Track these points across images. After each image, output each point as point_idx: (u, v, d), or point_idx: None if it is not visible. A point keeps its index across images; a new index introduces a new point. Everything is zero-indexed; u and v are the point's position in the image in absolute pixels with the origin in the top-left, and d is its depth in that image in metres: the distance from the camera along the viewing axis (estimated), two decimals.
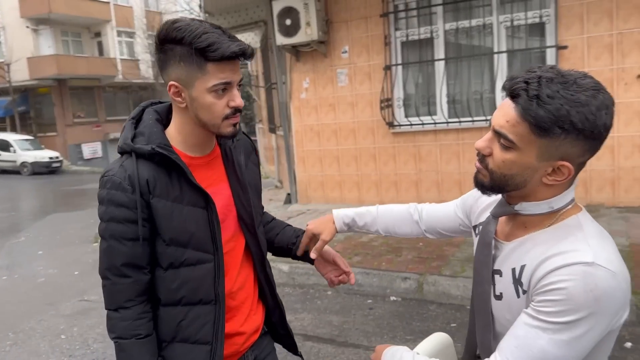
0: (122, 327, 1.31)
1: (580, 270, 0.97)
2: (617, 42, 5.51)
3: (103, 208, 1.30)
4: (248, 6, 9.79)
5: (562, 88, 0.97)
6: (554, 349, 0.99)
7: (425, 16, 6.48)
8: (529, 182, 1.07)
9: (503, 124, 1.04)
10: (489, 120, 6.04)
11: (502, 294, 1.14)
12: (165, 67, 1.28)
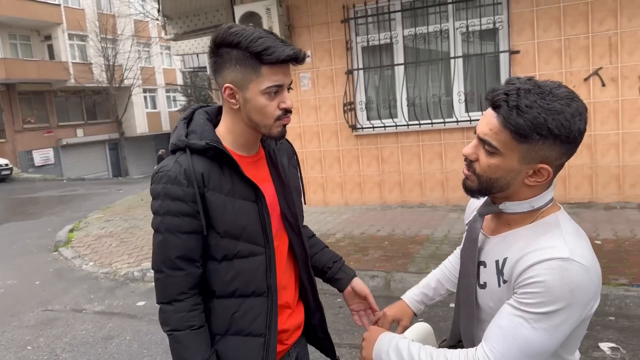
0: (176, 319, 1.34)
1: (557, 265, 1.08)
2: (565, 47, 5.83)
3: (159, 202, 1.33)
4: (208, 10, 9.76)
5: (539, 98, 1.08)
6: (535, 336, 1.10)
7: (384, 22, 6.66)
8: (512, 184, 1.17)
9: (487, 132, 1.14)
10: (447, 122, 6.31)
11: (485, 283, 1.24)
12: (221, 70, 1.33)
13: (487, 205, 1.27)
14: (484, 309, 1.26)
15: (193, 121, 1.43)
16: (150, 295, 4.98)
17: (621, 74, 5.65)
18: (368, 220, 6.23)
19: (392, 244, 5.19)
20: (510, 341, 1.12)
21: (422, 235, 5.39)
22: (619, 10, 5.56)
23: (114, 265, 5.83)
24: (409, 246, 5.06)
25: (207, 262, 1.39)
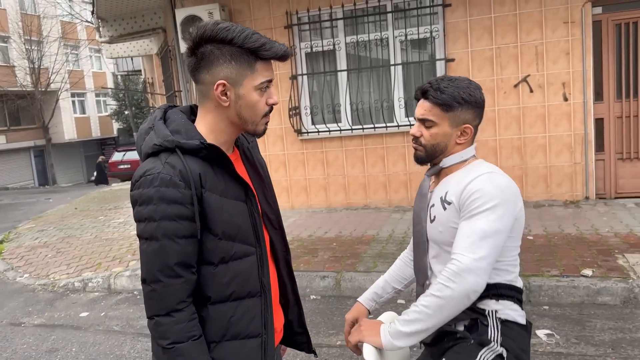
0: (176, 330, 1.27)
1: (486, 177, 1.54)
2: (497, 56, 6.22)
3: (152, 207, 1.26)
4: (144, 13, 9.54)
5: (450, 82, 1.60)
6: (488, 225, 1.49)
7: (327, 29, 6.82)
8: (448, 145, 1.63)
9: (423, 112, 1.63)
10: (388, 127, 6.52)
11: (435, 217, 1.64)
12: (210, 66, 1.31)
13: (430, 169, 1.71)
14: (436, 238, 1.63)
15: (171, 121, 1.37)
16: (93, 305, 4.82)
17: (547, 81, 6.10)
18: (315, 222, 6.33)
19: (340, 245, 5.31)
20: (472, 238, 1.48)
21: (368, 235, 5.56)
22: (543, 22, 6.01)
23: (52, 277, 5.58)
24: (356, 246, 5.21)
25: (201, 268, 1.33)
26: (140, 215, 1.28)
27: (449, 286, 1.45)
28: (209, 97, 1.34)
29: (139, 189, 1.29)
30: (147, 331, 4.12)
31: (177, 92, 8.40)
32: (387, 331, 1.52)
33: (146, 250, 1.29)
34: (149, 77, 13.71)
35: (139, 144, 1.39)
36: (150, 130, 1.36)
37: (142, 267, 1.30)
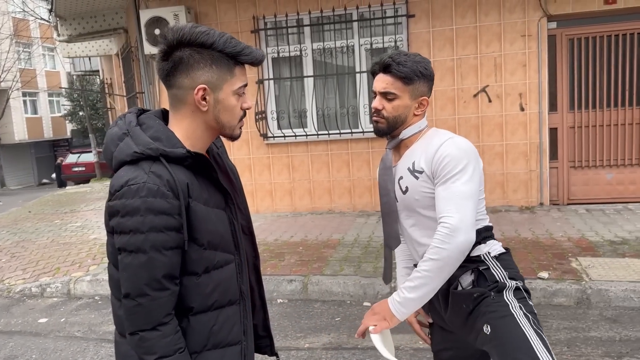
0: (164, 344, 1.24)
1: (449, 142, 1.67)
2: (457, 66, 6.44)
3: (139, 218, 1.22)
4: (105, 13, 9.35)
5: (407, 57, 1.72)
6: (464, 186, 1.62)
7: (293, 35, 6.88)
8: (407, 117, 1.75)
9: (385, 86, 1.73)
10: (353, 133, 6.63)
11: (407, 187, 1.74)
12: (190, 70, 1.28)
13: (390, 141, 1.82)
14: (412, 205, 1.75)
15: (148, 127, 1.32)
16: (52, 311, 4.69)
17: (505, 91, 6.36)
18: (280, 226, 6.36)
19: (306, 248, 5.36)
20: (453, 200, 1.61)
21: (334, 239, 5.63)
22: (502, 35, 6.27)
23: (7, 282, 5.38)
24: (322, 250, 5.27)
25: (183, 279, 1.31)
26: (124, 227, 1.23)
27: (444, 247, 1.56)
28: (186, 102, 1.32)
29: (121, 200, 1.23)
30: (110, 337, 4.04)
31: (138, 94, 8.27)
32: (396, 301, 1.63)
33: (131, 263, 1.24)
34: (107, 77, 13.39)
35: (109, 150, 1.32)
36: (124, 136, 1.30)
37: (126, 281, 1.25)
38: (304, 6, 6.70)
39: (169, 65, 1.30)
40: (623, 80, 6.23)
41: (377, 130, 1.79)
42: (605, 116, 6.32)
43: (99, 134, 25.12)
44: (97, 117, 26.14)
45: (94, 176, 18.68)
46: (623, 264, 4.30)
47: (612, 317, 3.75)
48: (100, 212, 8.75)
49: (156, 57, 1.35)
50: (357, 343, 3.65)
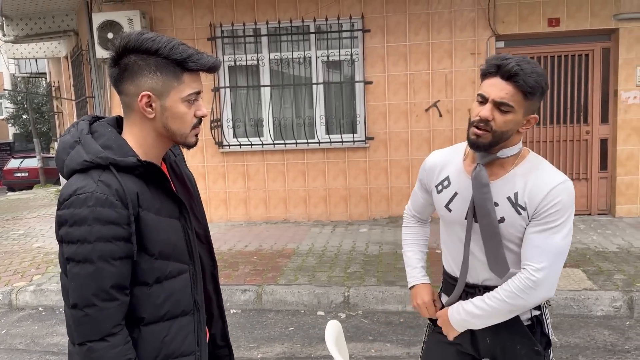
0: (112, 355, 1.23)
1: (563, 187, 1.54)
2: (410, 81, 6.62)
3: (86, 228, 1.21)
4: (55, 14, 9.07)
5: (531, 66, 1.48)
6: (563, 240, 1.54)
7: (251, 44, 6.89)
8: (513, 134, 1.56)
9: (503, 96, 1.49)
10: (309, 143, 6.68)
11: (503, 217, 1.59)
12: (134, 77, 1.28)
13: (484, 157, 1.60)
14: (507, 236, 1.61)
15: (99, 135, 1.31)
16: None
17: (454, 106, 6.58)
18: (235, 236, 6.31)
19: (260, 258, 5.35)
20: (548, 251, 1.53)
21: (288, 249, 5.65)
22: (453, 52, 6.51)
23: None
24: (277, 260, 5.27)
25: (134, 289, 1.30)
26: (72, 236, 1.22)
27: (522, 297, 1.54)
28: (134, 109, 1.32)
29: (69, 209, 1.22)
30: (54, 349, 3.90)
31: (88, 98, 8.04)
32: (456, 318, 1.67)
33: (79, 273, 1.22)
34: (54, 80, 12.92)
35: (61, 158, 1.31)
36: (75, 144, 1.29)
37: (74, 291, 1.24)
38: (262, 16, 6.74)
39: (116, 71, 1.30)
40: (565, 98, 6.58)
41: (475, 144, 1.55)
42: (548, 132, 6.65)
43: (44, 138, 24.14)
44: (42, 121, 25.12)
45: (37, 182, 17.89)
46: (564, 274, 4.52)
47: (553, 324, 3.93)
48: (44, 220, 8.41)
49: (107, 63, 1.36)
50: (310, 352, 3.67)
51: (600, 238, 5.60)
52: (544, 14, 6.32)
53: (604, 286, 4.21)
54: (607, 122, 6.56)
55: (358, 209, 6.86)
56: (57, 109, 12.75)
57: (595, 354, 3.48)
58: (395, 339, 3.83)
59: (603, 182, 6.66)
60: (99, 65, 7.14)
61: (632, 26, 6.22)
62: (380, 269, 4.87)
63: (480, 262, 1.66)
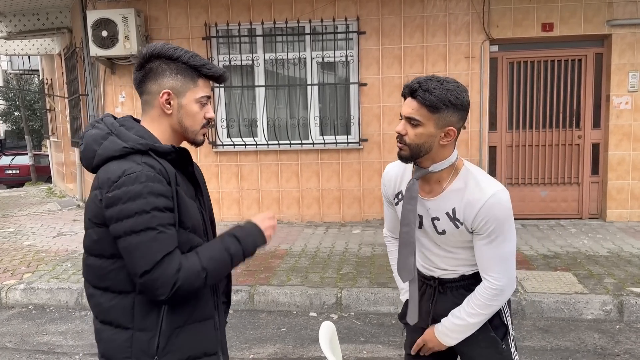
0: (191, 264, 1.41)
1: (493, 202, 1.65)
2: (404, 84, 6.62)
3: (142, 201, 1.36)
4: (49, 11, 9.01)
5: (438, 84, 1.62)
6: (509, 247, 1.69)
7: (246, 44, 6.89)
8: (432, 146, 1.67)
9: (410, 112, 1.64)
10: (303, 144, 6.68)
11: (444, 230, 1.75)
12: (158, 77, 1.50)
13: (418, 170, 1.74)
14: (446, 245, 1.78)
15: (129, 127, 1.50)
16: None
17: None
18: None
19: (253, 259, 5.30)
20: (501, 260, 1.69)
21: (281, 249, 5.64)
22: (447, 56, 6.54)
23: None
24: (270, 260, 5.26)
25: None
26: (129, 210, 1.36)
27: (494, 304, 1.73)
28: (154, 106, 1.52)
29: (121, 188, 1.37)
30: (44, 348, 3.88)
31: (82, 96, 8.00)
32: (442, 333, 1.82)
33: (142, 241, 1.36)
34: (47, 77, 12.82)
35: (91, 148, 1.46)
36: (108, 135, 1.46)
37: (140, 259, 1.36)
38: (257, 16, 6.73)
39: (141, 74, 1.52)
40: (557, 103, 6.63)
41: (399, 157, 1.73)
42: (540, 136, 6.69)
43: (36, 135, 23.97)
44: (34, 118, 24.93)
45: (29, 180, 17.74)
46: (555, 277, 4.55)
47: (544, 327, 3.96)
48: (35, 218, 8.35)
49: (133, 69, 1.58)
50: (302, 354, 3.67)
51: (591, 242, 5.65)
52: (538, 19, 6.36)
53: (594, 290, 4.25)
54: (599, 127, 6.62)
55: (351, 211, 6.87)
56: (50, 107, 12.66)
57: (585, 357, 3.50)
58: (387, 340, 3.84)
59: (594, 187, 6.71)
60: (92, 63, 7.10)
61: (624, 32, 6.28)
62: (373, 271, 4.88)
63: (435, 255, 1.83)
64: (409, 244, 1.77)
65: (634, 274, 4.59)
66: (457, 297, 1.83)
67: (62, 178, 12.36)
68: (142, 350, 1.44)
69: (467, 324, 1.76)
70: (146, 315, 1.45)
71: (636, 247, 5.41)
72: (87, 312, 4.58)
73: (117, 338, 1.46)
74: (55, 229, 7.33)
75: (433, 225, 1.77)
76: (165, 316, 1.46)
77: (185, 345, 1.49)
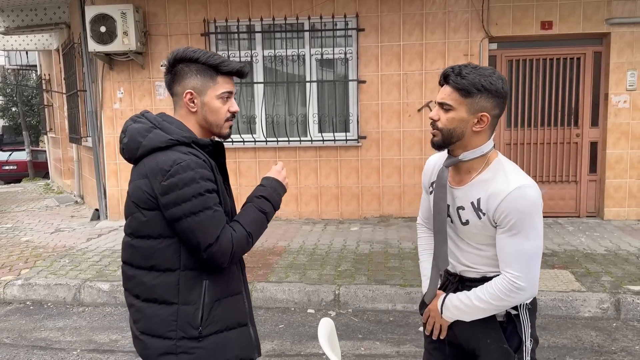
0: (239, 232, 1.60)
1: (518, 193, 1.59)
2: (403, 81, 6.64)
3: (197, 185, 1.53)
4: (47, 6, 8.98)
5: (473, 69, 1.63)
6: (532, 245, 1.61)
7: (244, 40, 6.87)
8: (465, 132, 1.65)
9: (443, 97, 1.65)
10: (302, 141, 6.68)
11: (468, 220, 1.71)
12: (181, 80, 1.65)
13: (449, 159, 1.74)
14: (468, 238, 1.74)
15: (170, 122, 1.64)
16: None
17: None
18: None
19: (251, 255, 5.33)
20: (521, 256, 1.61)
21: (279, 246, 5.64)
22: (446, 53, 6.53)
23: None
24: (268, 257, 5.27)
25: None
26: (186, 195, 1.52)
27: (505, 299, 1.64)
28: (182, 105, 1.67)
29: (175, 176, 1.52)
30: (41, 343, 3.87)
31: (80, 92, 7.98)
32: (446, 309, 1.77)
33: (202, 220, 1.54)
34: (45, 73, 12.78)
35: (136, 140, 1.61)
36: (152, 129, 1.61)
37: (203, 235, 1.54)
38: (256, 13, 6.72)
39: (170, 77, 1.68)
40: (556, 101, 6.64)
41: (432, 143, 1.71)
42: (539, 134, 6.70)
43: (33, 131, 23.91)
44: (31, 113, 24.86)
45: (26, 175, 17.71)
46: (552, 275, 4.56)
47: (541, 324, 3.97)
48: (33, 214, 8.33)
49: (163, 72, 1.74)
50: (300, 350, 3.68)
51: (588, 240, 5.66)
52: (537, 17, 6.36)
53: (591, 288, 4.26)
54: (598, 125, 6.63)
55: (349, 208, 6.87)
56: (47, 102, 12.63)
57: (582, 354, 3.51)
58: (385, 337, 3.85)
59: (592, 185, 6.73)
60: (90, 59, 7.08)
61: (623, 31, 6.29)
62: (371, 268, 4.88)
63: (459, 248, 1.79)
64: (442, 232, 1.76)
65: (631, 272, 4.60)
66: None
67: (59, 174, 12.34)
68: (187, 322, 1.58)
69: (471, 306, 1.69)
70: (190, 290, 1.59)
71: (633, 245, 5.43)
72: (85, 307, 4.58)
73: (162, 313, 1.59)
74: (52, 225, 7.33)
75: (458, 214, 1.74)
76: (206, 290, 1.61)
77: (223, 316, 1.64)
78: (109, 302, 4.63)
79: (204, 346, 1.60)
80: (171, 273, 1.59)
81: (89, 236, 6.49)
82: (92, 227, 7.03)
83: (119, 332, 4.04)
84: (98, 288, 4.67)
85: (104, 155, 7.19)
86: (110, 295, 4.65)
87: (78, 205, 9.07)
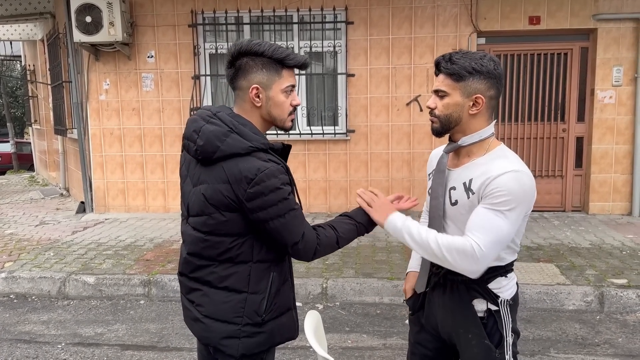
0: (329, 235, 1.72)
1: (512, 175, 1.60)
2: (392, 75, 6.63)
3: (281, 191, 1.60)
4: None
5: (463, 54, 1.67)
6: (507, 227, 1.60)
7: (232, 32, 6.81)
8: (462, 116, 1.68)
9: (437, 84, 1.69)
10: (290, 134, 6.65)
11: (457, 201, 1.72)
12: (246, 74, 1.64)
13: (449, 145, 1.78)
14: (456, 219, 1.73)
15: (244, 124, 1.65)
16: None
17: None
18: None
19: None
20: (488, 229, 1.60)
21: None
22: (435, 47, 6.53)
23: None
24: None
25: None
26: (272, 200, 1.59)
27: (455, 257, 1.61)
28: (246, 100, 1.67)
29: (261, 184, 1.57)
30: (25, 337, 3.83)
31: (65, 83, 7.87)
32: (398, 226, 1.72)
33: (289, 221, 1.63)
34: (29, 64, 12.58)
35: (214, 144, 1.61)
36: (229, 133, 1.61)
37: (290, 233, 1.63)
38: (245, 4, 6.66)
39: (232, 71, 1.67)
40: (543, 96, 6.68)
41: (432, 130, 1.75)
42: (525, 129, 6.75)
43: (17, 123, 23.56)
44: (16, 105, 24.48)
45: (10, 168, 17.46)
46: (537, 268, 4.61)
47: (527, 317, 4.01)
48: (17, 206, 8.22)
49: (224, 67, 1.73)
50: (287, 343, 3.67)
51: (573, 234, 5.72)
52: (525, 12, 6.38)
53: (576, 281, 4.31)
54: (584, 120, 6.69)
55: (337, 201, 6.87)
56: (32, 93, 12.44)
57: (566, 347, 3.56)
58: (372, 330, 3.86)
59: (578, 180, 6.79)
60: (76, 49, 6.97)
61: (610, 27, 6.34)
62: (359, 261, 4.89)
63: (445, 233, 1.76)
64: (437, 217, 1.77)
65: (614, 265, 4.66)
66: (455, 294, 1.77)
67: (44, 166, 12.17)
68: (253, 310, 1.68)
69: (420, 240, 1.66)
70: (260, 280, 1.68)
71: (617, 239, 5.50)
72: (70, 301, 4.53)
73: (231, 300, 1.68)
74: (37, 217, 7.23)
75: (449, 195, 1.74)
76: (273, 281, 1.71)
77: (280, 303, 1.74)
78: (94, 295, 4.59)
79: (264, 331, 1.70)
80: (244, 265, 1.67)
81: (74, 229, 6.42)
82: (78, 220, 6.95)
83: (104, 326, 4.01)
84: (83, 281, 4.62)
85: (89, 147, 7.11)
86: (95, 288, 4.60)
87: (63, 198, 8.97)
